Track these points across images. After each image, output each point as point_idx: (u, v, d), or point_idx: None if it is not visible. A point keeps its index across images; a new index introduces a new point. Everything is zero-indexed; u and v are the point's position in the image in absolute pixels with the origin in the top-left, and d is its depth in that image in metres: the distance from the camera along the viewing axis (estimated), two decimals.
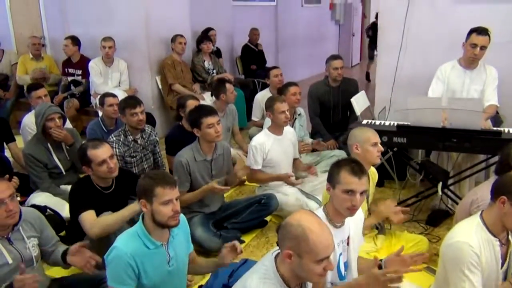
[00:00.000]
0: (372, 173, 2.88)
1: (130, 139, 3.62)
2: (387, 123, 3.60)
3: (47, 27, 6.43)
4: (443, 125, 3.23)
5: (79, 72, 5.75)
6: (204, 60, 6.02)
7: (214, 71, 6.10)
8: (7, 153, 4.17)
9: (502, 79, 3.64)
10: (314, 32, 10.46)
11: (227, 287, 2.54)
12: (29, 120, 4.09)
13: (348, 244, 2.20)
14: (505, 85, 3.68)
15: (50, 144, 3.55)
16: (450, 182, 3.53)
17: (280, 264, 1.73)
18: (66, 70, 5.83)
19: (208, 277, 2.76)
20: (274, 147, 3.62)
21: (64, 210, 3.33)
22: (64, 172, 3.64)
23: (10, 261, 2.22)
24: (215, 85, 4.63)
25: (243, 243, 3.33)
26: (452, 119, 3.19)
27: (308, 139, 4.43)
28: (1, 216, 2.14)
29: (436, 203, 3.62)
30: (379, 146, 2.74)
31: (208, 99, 5.35)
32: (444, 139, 3.22)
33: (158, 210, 2.05)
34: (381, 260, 2.12)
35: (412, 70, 4.24)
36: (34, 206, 3.18)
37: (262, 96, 4.82)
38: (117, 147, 3.53)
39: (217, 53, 6.63)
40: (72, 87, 5.72)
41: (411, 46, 4.22)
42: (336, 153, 4.31)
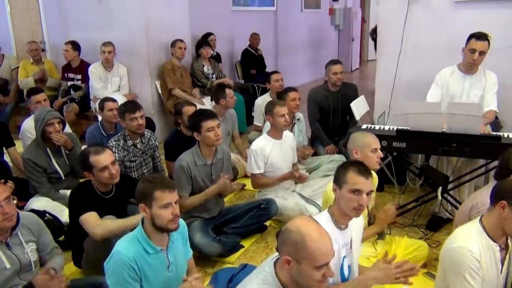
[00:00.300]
0: (373, 178, 2.87)
1: (130, 144, 3.62)
2: (386, 127, 3.59)
3: (47, 31, 6.46)
4: (443, 129, 3.23)
5: (79, 76, 5.76)
6: (204, 65, 6.03)
7: (214, 76, 6.11)
8: (7, 157, 4.17)
9: (503, 84, 3.64)
10: (314, 37, 10.49)
11: None
12: (28, 125, 4.09)
13: (351, 247, 2.20)
14: (505, 90, 3.69)
15: (49, 149, 3.55)
16: (450, 186, 3.52)
17: (280, 270, 1.73)
18: (66, 74, 5.84)
19: (207, 281, 2.75)
20: (274, 151, 3.61)
21: (63, 215, 3.33)
22: (63, 177, 3.64)
23: (8, 266, 2.21)
24: (214, 90, 4.64)
25: (242, 248, 3.33)
26: (452, 124, 3.19)
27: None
28: None
29: (436, 210, 3.61)
30: (379, 152, 2.74)
31: (208, 103, 5.36)
32: (444, 143, 3.21)
33: (157, 213, 2.05)
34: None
35: (412, 75, 4.25)
36: (33, 211, 3.17)
37: (262, 100, 4.82)
38: (116, 151, 3.52)
39: (216, 58, 6.64)
40: (71, 92, 5.73)
41: (411, 51, 4.23)
42: (335, 157, 4.30)
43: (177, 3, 5.91)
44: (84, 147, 3.28)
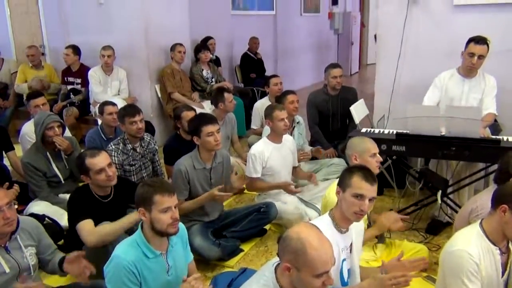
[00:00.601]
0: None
1: (129, 148, 3.62)
2: (386, 131, 3.59)
3: (47, 36, 6.45)
4: (442, 133, 3.23)
5: (79, 80, 5.76)
6: (203, 69, 6.04)
7: (213, 80, 6.11)
8: (6, 161, 4.16)
9: (502, 87, 3.64)
10: (313, 41, 10.52)
11: None
12: (28, 129, 4.08)
13: (351, 250, 2.20)
14: (504, 93, 3.69)
15: (49, 153, 3.55)
16: (450, 190, 3.52)
17: (281, 276, 1.72)
18: (65, 78, 5.83)
19: (207, 285, 2.74)
20: (273, 155, 3.61)
21: (63, 219, 3.32)
22: (63, 181, 3.63)
23: (7, 270, 2.20)
24: (214, 94, 4.64)
25: (242, 252, 3.32)
26: (451, 127, 3.19)
27: (307, 147, 4.43)
28: None
29: (435, 213, 3.61)
30: (378, 156, 2.74)
31: (207, 107, 5.36)
32: (443, 147, 3.21)
33: (157, 218, 2.05)
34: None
35: (411, 78, 4.25)
36: (32, 215, 3.16)
37: (261, 104, 4.83)
38: (116, 155, 3.52)
39: (216, 61, 6.65)
40: (71, 96, 5.72)
41: (410, 55, 4.24)
42: (335, 161, 4.30)
43: (176, 7, 5.93)
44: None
